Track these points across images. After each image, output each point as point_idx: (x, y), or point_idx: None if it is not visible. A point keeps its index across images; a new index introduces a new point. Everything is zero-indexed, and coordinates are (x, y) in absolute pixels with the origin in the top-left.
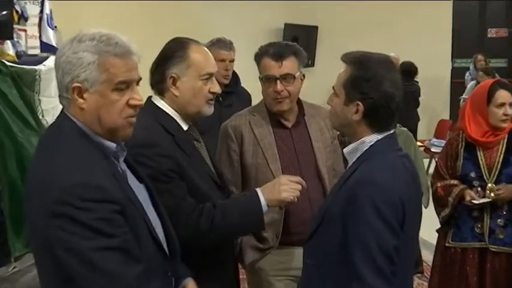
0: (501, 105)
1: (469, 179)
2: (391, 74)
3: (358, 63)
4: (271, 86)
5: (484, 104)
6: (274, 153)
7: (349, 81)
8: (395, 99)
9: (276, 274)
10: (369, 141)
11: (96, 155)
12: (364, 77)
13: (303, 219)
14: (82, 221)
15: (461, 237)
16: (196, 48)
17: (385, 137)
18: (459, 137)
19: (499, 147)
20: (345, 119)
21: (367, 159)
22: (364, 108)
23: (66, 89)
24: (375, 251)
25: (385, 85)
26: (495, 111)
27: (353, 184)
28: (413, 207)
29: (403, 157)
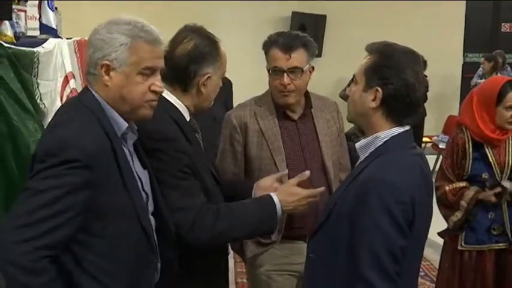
0: (511, 107)
1: (480, 180)
2: (414, 65)
3: (382, 51)
4: (278, 79)
5: (493, 104)
6: (279, 146)
7: (370, 68)
8: (416, 92)
9: (277, 269)
10: (383, 137)
11: (99, 128)
12: (386, 63)
13: (306, 214)
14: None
15: (478, 240)
16: (221, 47)
17: (401, 134)
18: (464, 135)
19: (506, 146)
20: (362, 106)
21: (380, 156)
22: (382, 95)
23: (95, 64)
24: (381, 252)
25: (406, 73)
26: (504, 112)
27: (364, 181)
28: (424, 208)
29: (417, 156)
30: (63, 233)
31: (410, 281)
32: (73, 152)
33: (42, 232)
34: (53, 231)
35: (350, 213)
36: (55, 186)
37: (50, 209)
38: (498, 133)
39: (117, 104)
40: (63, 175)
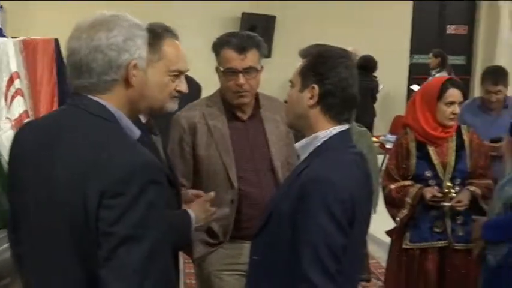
0: (451, 103)
1: (425, 178)
2: (346, 62)
3: (315, 52)
4: (233, 79)
5: (434, 101)
6: (227, 146)
7: (304, 68)
8: (351, 87)
9: (226, 269)
10: (322, 136)
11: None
12: (320, 61)
13: (254, 214)
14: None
15: (421, 237)
16: (170, 42)
17: (340, 133)
18: (408, 136)
19: (449, 145)
20: (300, 107)
21: (320, 156)
22: (319, 92)
23: (118, 68)
24: (323, 250)
25: (340, 69)
26: (444, 108)
27: (304, 181)
28: (363, 206)
29: (356, 155)
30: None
31: (350, 277)
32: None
33: None
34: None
35: (291, 213)
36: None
37: None
38: (440, 131)
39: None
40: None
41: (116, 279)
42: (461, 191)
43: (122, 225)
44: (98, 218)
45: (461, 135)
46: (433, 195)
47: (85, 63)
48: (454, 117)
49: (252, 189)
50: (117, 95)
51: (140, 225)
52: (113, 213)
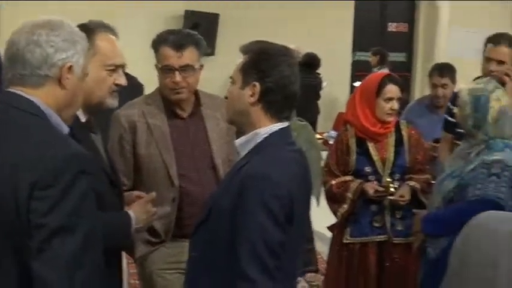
0: (389, 99)
1: (364, 174)
2: (288, 60)
3: (256, 49)
4: (169, 76)
5: (373, 97)
6: (167, 144)
7: (246, 65)
8: (292, 84)
9: (168, 267)
10: (262, 133)
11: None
12: (262, 58)
13: (196, 212)
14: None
15: (361, 232)
16: (104, 36)
17: (280, 130)
18: (348, 132)
19: (388, 140)
20: (241, 103)
21: (259, 152)
22: (260, 89)
23: (51, 66)
24: (261, 247)
25: (282, 67)
26: (383, 104)
27: (243, 178)
28: (302, 203)
29: (295, 152)
30: None
31: (290, 274)
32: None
33: None
34: None
35: (231, 209)
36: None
37: None
38: (379, 127)
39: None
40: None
41: (48, 270)
42: (400, 186)
43: (54, 216)
44: (30, 210)
45: (400, 131)
46: (376, 190)
47: (21, 54)
48: (393, 113)
49: (193, 187)
50: (48, 92)
51: (73, 216)
52: (44, 205)
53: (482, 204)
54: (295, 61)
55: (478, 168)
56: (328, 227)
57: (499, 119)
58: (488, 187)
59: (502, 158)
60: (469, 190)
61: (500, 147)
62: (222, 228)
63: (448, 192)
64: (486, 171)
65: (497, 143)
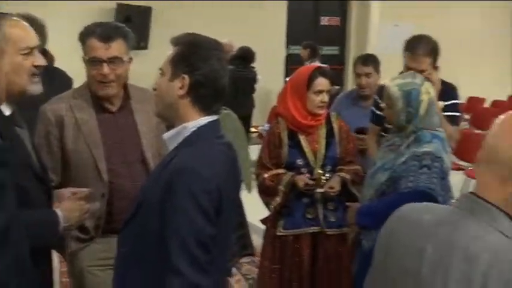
0: (319, 92)
1: (297, 166)
2: (219, 54)
3: (187, 41)
4: (97, 69)
5: (304, 90)
6: (96, 139)
7: (176, 57)
8: (222, 79)
9: (98, 264)
10: (191, 127)
11: None
12: (192, 51)
13: (126, 207)
14: None
15: (294, 224)
16: (13, 23)
17: (208, 123)
18: (279, 125)
19: (319, 133)
20: (170, 96)
21: (188, 146)
22: (189, 82)
23: None
24: (190, 241)
25: (212, 61)
26: (313, 97)
27: (172, 171)
28: (231, 195)
29: (224, 145)
30: None
31: (221, 267)
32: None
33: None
34: None
35: (160, 203)
36: None
37: None
38: (310, 119)
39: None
40: None
41: None
42: (332, 177)
43: None
44: None
45: (331, 123)
46: (306, 183)
47: None
48: (323, 106)
49: (122, 181)
50: None
51: None
52: None
53: (415, 196)
54: (225, 55)
55: (409, 161)
56: (262, 220)
57: (429, 110)
58: (420, 178)
59: (431, 149)
60: (401, 182)
61: (428, 138)
62: (152, 221)
63: (381, 184)
64: (417, 163)
65: (426, 135)
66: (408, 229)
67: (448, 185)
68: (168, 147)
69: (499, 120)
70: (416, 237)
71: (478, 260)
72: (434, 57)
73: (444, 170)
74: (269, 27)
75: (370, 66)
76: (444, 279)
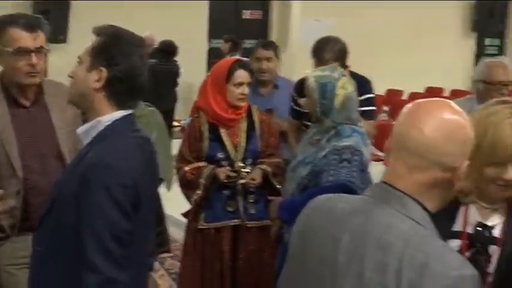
0: (239, 84)
1: (217, 160)
2: (140, 50)
3: (109, 33)
4: (25, 59)
5: (223, 82)
6: (9, 135)
7: (97, 48)
8: (140, 78)
9: (15, 263)
10: (105, 121)
11: None
12: (113, 44)
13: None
14: None
15: (215, 217)
16: None
17: (123, 117)
18: (200, 118)
19: (240, 126)
20: (85, 86)
21: (102, 140)
22: (107, 76)
23: None
24: (105, 236)
25: (133, 57)
26: (234, 89)
27: (86, 166)
28: (148, 190)
29: (140, 138)
30: None
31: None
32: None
33: None
34: None
35: (74, 197)
36: None
37: None
38: (231, 113)
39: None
40: None
41: None
42: (253, 170)
43: None
44: None
45: (252, 116)
46: (227, 176)
47: None
48: (244, 98)
49: (38, 177)
50: None
51: None
52: None
53: (335, 189)
54: (146, 53)
55: (330, 155)
56: (183, 214)
57: (345, 105)
58: (341, 172)
59: (351, 143)
60: (322, 176)
61: (348, 133)
62: (67, 216)
63: (302, 178)
64: (337, 157)
65: (345, 129)
66: (323, 219)
67: (368, 178)
68: (83, 142)
69: (406, 109)
70: (332, 227)
71: (392, 248)
72: (342, 60)
73: (364, 163)
74: (191, 21)
75: (270, 51)
76: (359, 268)
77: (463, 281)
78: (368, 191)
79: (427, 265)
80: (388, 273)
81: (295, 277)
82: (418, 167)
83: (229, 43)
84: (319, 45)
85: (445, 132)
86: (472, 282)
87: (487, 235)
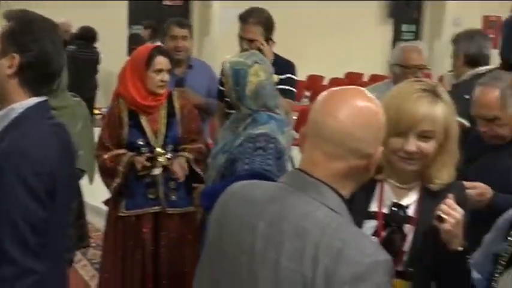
0: (159, 71)
1: (137, 147)
2: (53, 36)
3: (20, 18)
4: None
5: (143, 69)
6: None
7: (7, 34)
8: (53, 64)
9: None
10: (18, 108)
11: None
12: (24, 29)
13: None
14: None
15: (136, 205)
16: None
17: (37, 104)
18: (119, 105)
19: (160, 112)
20: None
21: (16, 128)
22: (19, 62)
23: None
24: (21, 225)
25: (45, 43)
26: (153, 76)
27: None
28: (65, 178)
29: (56, 126)
30: None
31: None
32: None
33: None
34: None
35: None
36: None
37: None
38: (151, 100)
39: None
40: None
41: None
42: (174, 157)
43: None
44: None
45: (173, 102)
46: (143, 166)
47: None
48: (164, 85)
49: None
50: None
51: None
52: None
53: (251, 178)
54: (60, 38)
55: (245, 143)
56: (104, 202)
57: (258, 93)
58: (255, 160)
59: (266, 131)
60: (237, 164)
61: (264, 120)
62: None
63: (220, 166)
64: (252, 145)
65: (262, 116)
66: (239, 207)
67: (284, 165)
68: None
69: (321, 97)
70: (248, 214)
71: (309, 236)
72: (266, 29)
73: (280, 151)
74: (110, 7)
75: (185, 29)
76: (276, 255)
77: (376, 267)
78: (284, 178)
79: (342, 252)
80: (304, 261)
81: (213, 265)
82: (334, 155)
83: (149, 30)
84: (246, 11)
85: (359, 119)
86: (385, 267)
87: (401, 215)
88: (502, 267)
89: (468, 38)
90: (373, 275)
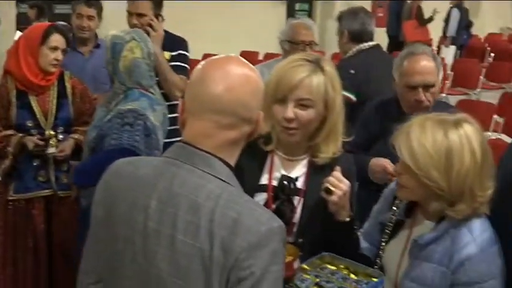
0: (54, 48)
1: (26, 128)
2: None
3: None
4: None
5: (37, 45)
6: None
7: None
8: None
9: None
10: None
11: None
12: None
13: None
14: None
15: (25, 188)
16: None
17: None
18: (8, 85)
19: (51, 93)
20: None
21: None
22: None
23: None
24: None
25: None
26: (48, 53)
27: None
28: None
29: None
30: None
31: None
32: None
33: None
34: None
35: None
36: None
37: None
38: (41, 78)
39: None
40: None
41: None
42: (65, 139)
43: None
44: None
45: (64, 82)
46: (36, 144)
47: None
48: (57, 64)
49: None
50: None
51: None
52: None
53: (119, 153)
54: None
55: (114, 118)
56: None
57: (131, 70)
58: (123, 136)
59: (135, 107)
60: (106, 140)
61: (136, 97)
62: None
63: (90, 142)
64: (120, 120)
65: (134, 93)
66: (126, 185)
67: (155, 143)
68: None
69: (200, 66)
70: (137, 192)
71: (203, 209)
72: (156, 5)
73: (149, 128)
74: None
75: (93, 9)
76: (171, 231)
77: (271, 234)
78: (168, 153)
79: (237, 222)
80: (200, 234)
81: (103, 245)
82: (227, 124)
83: (35, 9)
84: None
85: (248, 87)
86: (280, 233)
87: (291, 187)
88: (387, 236)
89: (352, 15)
90: (269, 242)
